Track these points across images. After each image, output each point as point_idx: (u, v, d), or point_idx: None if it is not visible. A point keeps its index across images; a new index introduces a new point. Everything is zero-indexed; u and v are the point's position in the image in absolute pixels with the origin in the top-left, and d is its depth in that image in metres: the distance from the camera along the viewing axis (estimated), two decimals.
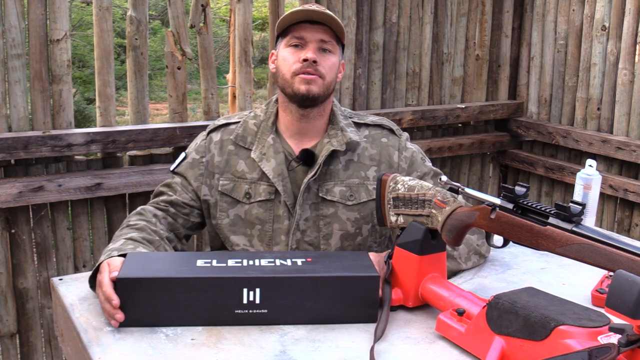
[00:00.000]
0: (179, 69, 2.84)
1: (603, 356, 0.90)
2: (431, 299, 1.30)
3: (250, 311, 1.24)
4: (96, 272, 1.35)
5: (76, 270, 2.67)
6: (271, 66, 1.69)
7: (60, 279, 1.47)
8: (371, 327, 1.26)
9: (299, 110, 1.59)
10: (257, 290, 1.23)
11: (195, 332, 1.24)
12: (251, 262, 1.29)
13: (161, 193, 1.65)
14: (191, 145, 1.70)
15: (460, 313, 1.20)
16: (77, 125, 3.91)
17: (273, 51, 1.68)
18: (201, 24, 2.87)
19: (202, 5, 2.84)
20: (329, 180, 1.61)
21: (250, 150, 1.62)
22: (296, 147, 1.63)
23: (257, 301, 1.24)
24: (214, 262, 1.29)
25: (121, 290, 1.23)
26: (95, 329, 1.24)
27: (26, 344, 2.63)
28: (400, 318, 1.31)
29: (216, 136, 1.66)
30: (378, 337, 1.20)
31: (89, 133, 2.57)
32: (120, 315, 1.23)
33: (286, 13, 1.59)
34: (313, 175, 1.58)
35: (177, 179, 1.65)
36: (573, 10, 3.48)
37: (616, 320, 0.92)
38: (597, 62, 3.35)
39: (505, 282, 1.50)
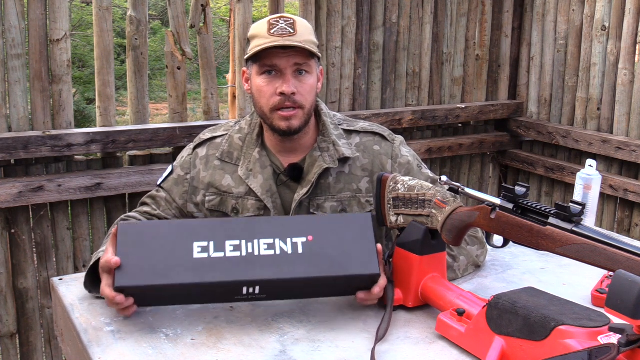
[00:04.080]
0: (179, 69, 2.84)
1: (603, 356, 0.90)
2: (431, 299, 1.30)
3: (250, 296, 1.26)
4: (89, 275, 1.36)
5: (76, 270, 2.67)
6: (245, 86, 1.62)
7: (60, 279, 1.47)
8: (371, 327, 1.26)
9: (281, 137, 1.57)
10: (257, 287, 1.23)
11: (195, 332, 1.24)
12: (250, 249, 1.24)
13: (145, 204, 1.64)
14: (178, 158, 1.67)
15: (460, 313, 1.20)
16: (77, 125, 3.92)
17: (245, 69, 1.61)
18: (201, 24, 2.87)
19: (202, 5, 2.84)
20: (320, 195, 1.58)
21: (237, 166, 1.59)
22: (284, 161, 1.60)
23: (257, 292, 1.25)
24: (212, 250, 1.24)
25: (122, 291, 1.23)
26: (95, 329, 1.24)
27: (26, 344, 2.63)
28: (400, 318, 1.31)
29: (202, 151, 1.63)
30: (380, 337, 1.20)
31: (89, 133, 2.57)
32: (128, 305, 1.24)
33: (253, 34, 1.52)
34: (306, 194, 1.55)
35: (163, 194, 1.63)
36: (573, 10, 3.48)
37: (616, 320, 0.92)
38: (597, 62, 3.35)
39: (505, 282, 1.50)
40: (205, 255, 1.23)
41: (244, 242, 1.25)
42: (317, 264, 1.24)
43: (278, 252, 1.25)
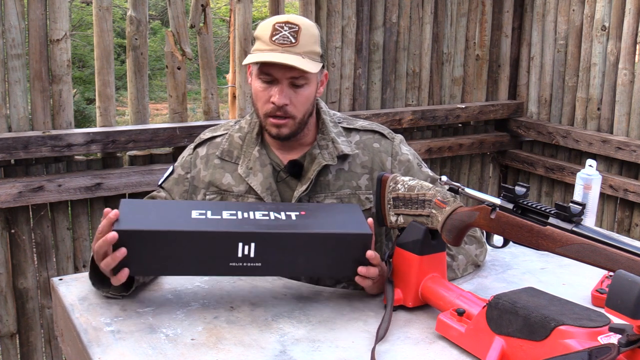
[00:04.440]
0: (179, 69, 2.84)
1: (603, 356, 0.90)
2: (431, 299, 1.30)
3: (245, 264, 1.26)
4: (93, 270, 1.35)
5: (76, 270, 2.67)
6: (249, 79, 1.61)
7: (60, 279, 1.47)
8: (371, 326, 1.26)
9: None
10: (252, 245, 1.24)
11: (195, 332, 1.24)
12: (246, 215, 1.29)
13: None
14: (179, 158, 1.68)
15: (460, 313, 1.20)
16: (77, 125, 3.92)
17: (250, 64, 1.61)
18: (201, 24, 2.87)
19: (202, 5, 2.84)
20: (320, 193, 1.58)
21: (237, 164, 1.60)
22: (284, 158, 1.60)
23: (252, 255, 1.25)
24: (209, 214, 1.28)
25: (119, 241, 1.22)
26: (95, 329, 1.24)
27: (26, 344, 2.63)
28: (400, 318, 1.31)
29: (202, 150, 1.64)
30: (380, 337, 1.20)
31: (89, 133, 2.57)
32: (120, 255, 1.22)
33: (259, 33, 1.50)
34: (305, 190, 1.56)
35: (162, 194, 1.63)
36: (573, 10, 3.48)
37: (616, 320, 0.92)
38: (597, 62, 3.35)
39: (505, 282, 1.50)
40: (203, 217, 1.27)
41: (239, 211, 1.31)
42: (311, 225, 1.29)
43: (272, 218, 1.30)
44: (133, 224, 1.23)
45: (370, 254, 1.30)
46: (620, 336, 0.91)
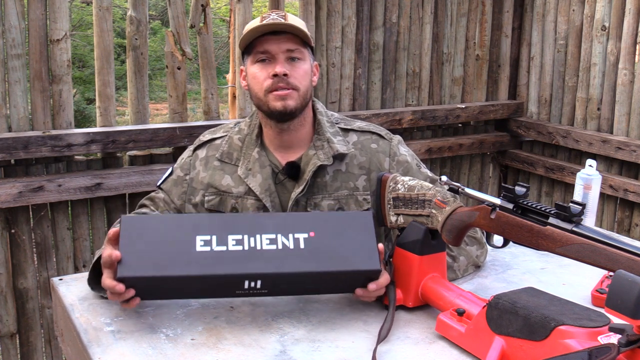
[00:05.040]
0: (179, 69, 2.84)
1: (603, 356, 0.90)
2: (431, 299, 1.30)
3: (251, 292, 1.27)
4: (93, 272, 1.35)
5: (76, 270, 2.67)
6: (243, 83, 1.64)
7: (60, 279, 1.47)
8: (371, 326, 1.26)
9: (278, 125, 1.57)
10: (259, 281, 1.24)
11: (195, 332, 1.24)
12: (252, 243, 1.25)
13: (144, 206, 1.64)
14: (178, 160, 1.69)
15: (460, 313, 1.20)
16: (77, 125, 3.92)
17: (242, 67, 1.64)
18: (201, 24, 2.87)
19: (202, 5, 2.84)
20: (317, 194, 1.58)
21: (237, 166, 1.60)
22: (282, 159, 1.61)
23: (258, 286, 1.25)
24: (214, 244, 1.24)
25: (125, 284, 1.22)
26: (95, 329, 1.24)
27: (26, 344, 2.63)
28: (400, 318, 1.30)
29: (202, 153, 1.65)
30: (383, 337, 1.20)
31: (89, 133, 2.57)
32: (130, 297, 1.23)
33: (246, 29, 1.55)
34: (301, 192, 1.56)
35: (161, 195, 1.64)
36: (573, 10, 3.48)
37: (616, 320, 0.92)
38: (597, 62, 3.35)
39: (505, 282, 1.50)
40: (207, 248, 1.23)
41: (246, 236, 1.26)
42: (319, 259, 1.25)
43: (280, 247, 1.25)
44: (136, 268, 1.20)
45: (372, 286, 1.27)
46: (620, 336, 0.91)
